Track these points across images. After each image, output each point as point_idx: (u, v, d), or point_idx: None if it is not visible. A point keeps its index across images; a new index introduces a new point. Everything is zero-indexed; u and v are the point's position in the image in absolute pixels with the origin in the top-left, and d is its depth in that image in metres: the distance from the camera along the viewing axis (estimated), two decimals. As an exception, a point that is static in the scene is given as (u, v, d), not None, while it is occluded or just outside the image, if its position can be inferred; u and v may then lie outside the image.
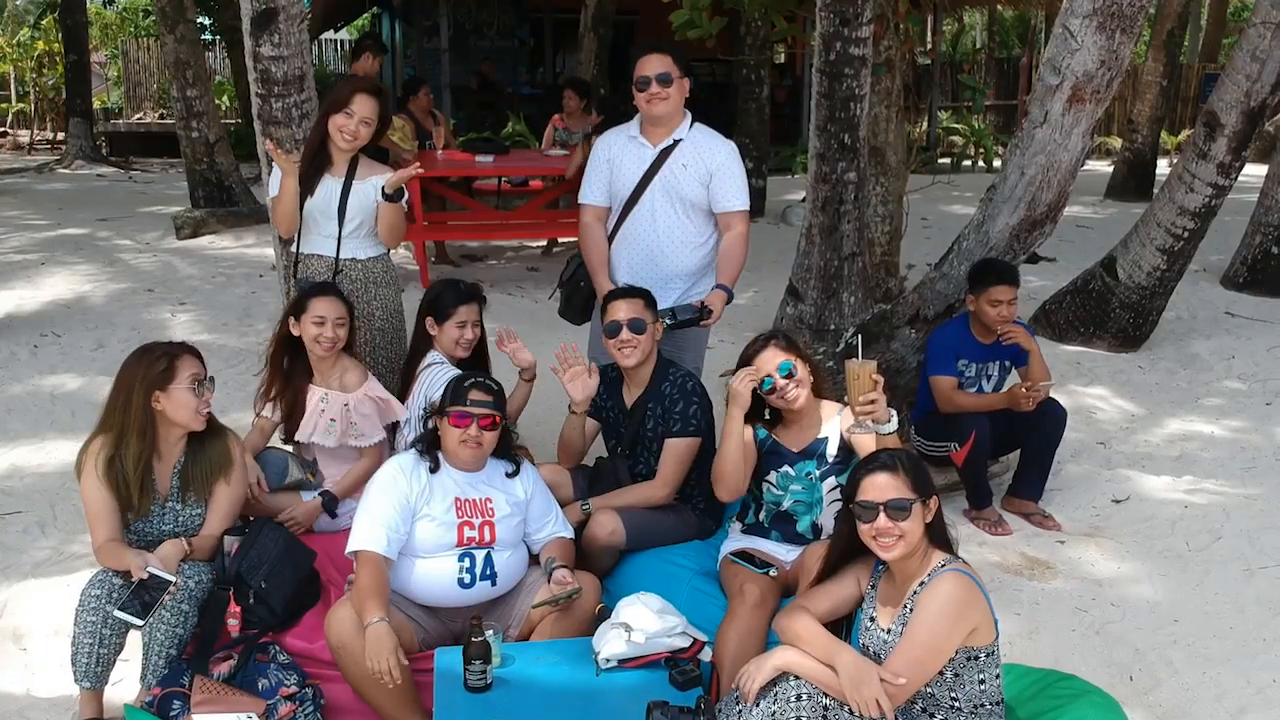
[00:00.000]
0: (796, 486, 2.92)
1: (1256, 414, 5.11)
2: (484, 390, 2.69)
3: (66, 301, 6.64)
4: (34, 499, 3.96)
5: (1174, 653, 3.14)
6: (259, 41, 4.59)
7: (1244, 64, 5.35)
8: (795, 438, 2.94)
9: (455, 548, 2.66)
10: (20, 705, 2.80)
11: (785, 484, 2.93)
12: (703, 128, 3.77)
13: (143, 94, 23.86)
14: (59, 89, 24.32)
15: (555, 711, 2.33)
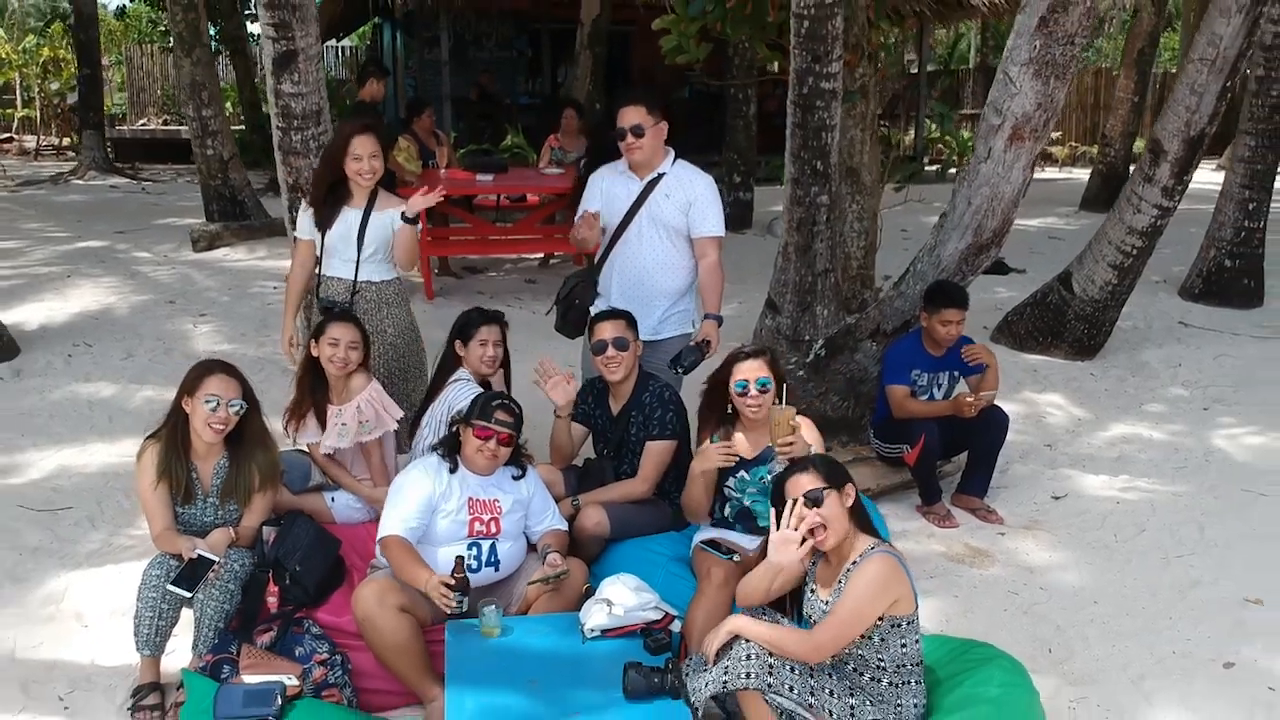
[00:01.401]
0: (753, 489, 3.35)
1: (1194, 419, 5.55)
2: (507, 412, 3.13)
3: (94, 313, 7.07)
4: (82, 496, 4.40)
5: (1090, 629, 3.57)
6: (280, 80, 5.04)
7: (1184, 96, 5.80)
8: (750, 446, 3.37)
9: (466, 538, 3.09)
10: (86, 673, 3.23)
11: (742, 487, 3.37)
12: (684, 163, 4.20)
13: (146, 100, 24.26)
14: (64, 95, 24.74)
15: (548, 672, 2.76)
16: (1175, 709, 3.14)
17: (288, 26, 4.92)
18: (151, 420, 5.10)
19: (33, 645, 3.36)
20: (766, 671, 2.62)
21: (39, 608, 3.58)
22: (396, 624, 2.90)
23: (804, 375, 5.08)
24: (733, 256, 8.01)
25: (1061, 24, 4.12)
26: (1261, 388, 6.02)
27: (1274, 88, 7.42)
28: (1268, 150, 7.56)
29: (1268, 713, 3.14)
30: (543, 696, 2.66)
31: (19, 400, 5.47)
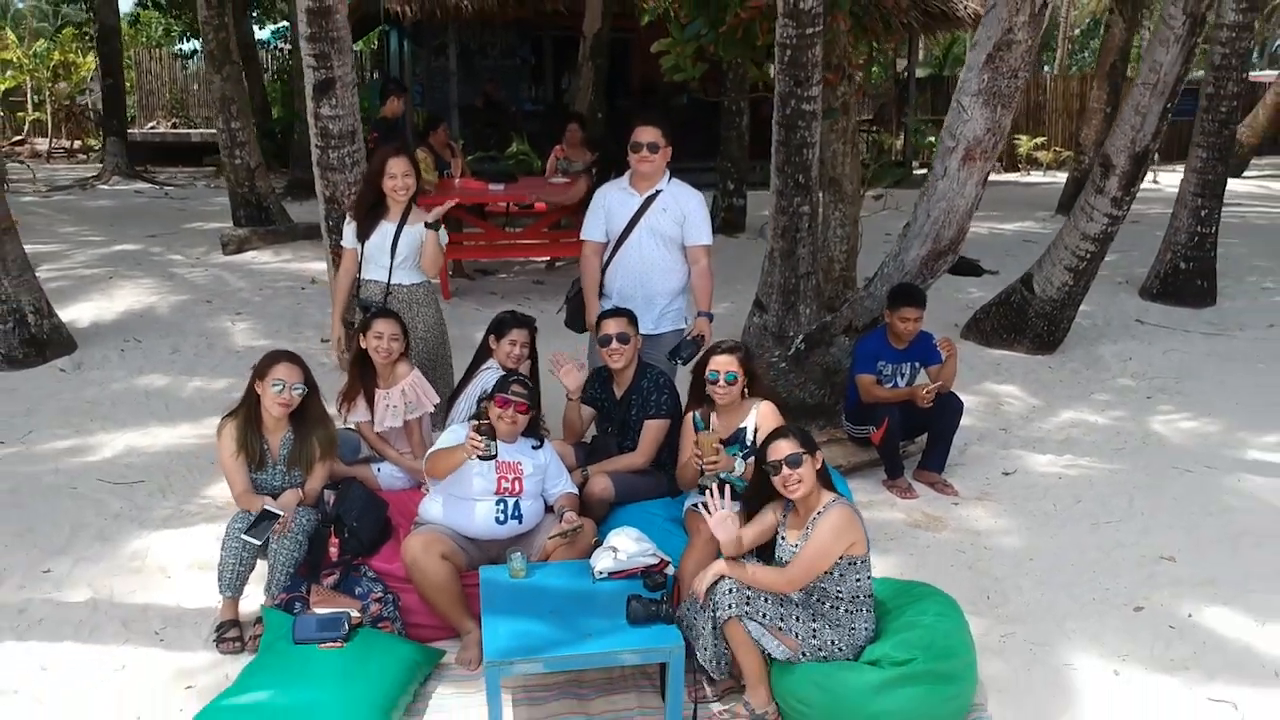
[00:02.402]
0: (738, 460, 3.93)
1: (1137, 406, 6.14)
2: (522, 386, 3.72)
3: (138, 312, 7.64)
4: (151, 471, 4.98)
5: (1024, 581, 4.16)
6: (319, 104, 5.63)
7: (1130, 117, 6.39)
8: (724, 427, 3.94)
9: (494, 495, 3.67)
10: (174, 614, 3.81)
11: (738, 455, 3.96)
12: (678, 181, 4.80)
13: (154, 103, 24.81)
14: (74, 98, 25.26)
15: (565, 605, 3.34)
16: (1089, 642, 3.73)
17: (326, 57, 5.51)
18: (203, 407, 5.76)
19: (127, 592, 3.95)
20: (744, 602, 3.20)
21: (128, 562, 4.17)
22: (438, 568, 3.49)
23: (786, 367, 5.66)
24: (726, 259, 8.67)
25: (1006, 60, 4.71)
26: (1201, 379, 6.61)
27: (1222, 104, 8.01)
28: (1217, 161, 8.15)
29: (1166, 645, 3.73)
30: (561, 624, 3.24)
31: (83, 391, 6.06)
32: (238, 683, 3.21)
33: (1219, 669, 3.59)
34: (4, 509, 4.57)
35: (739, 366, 3.91)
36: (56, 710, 3.29)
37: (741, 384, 3.91)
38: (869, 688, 3.13)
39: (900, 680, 3.13)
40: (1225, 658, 3.66)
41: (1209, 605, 3.99)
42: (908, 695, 3.12)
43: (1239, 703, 3.40)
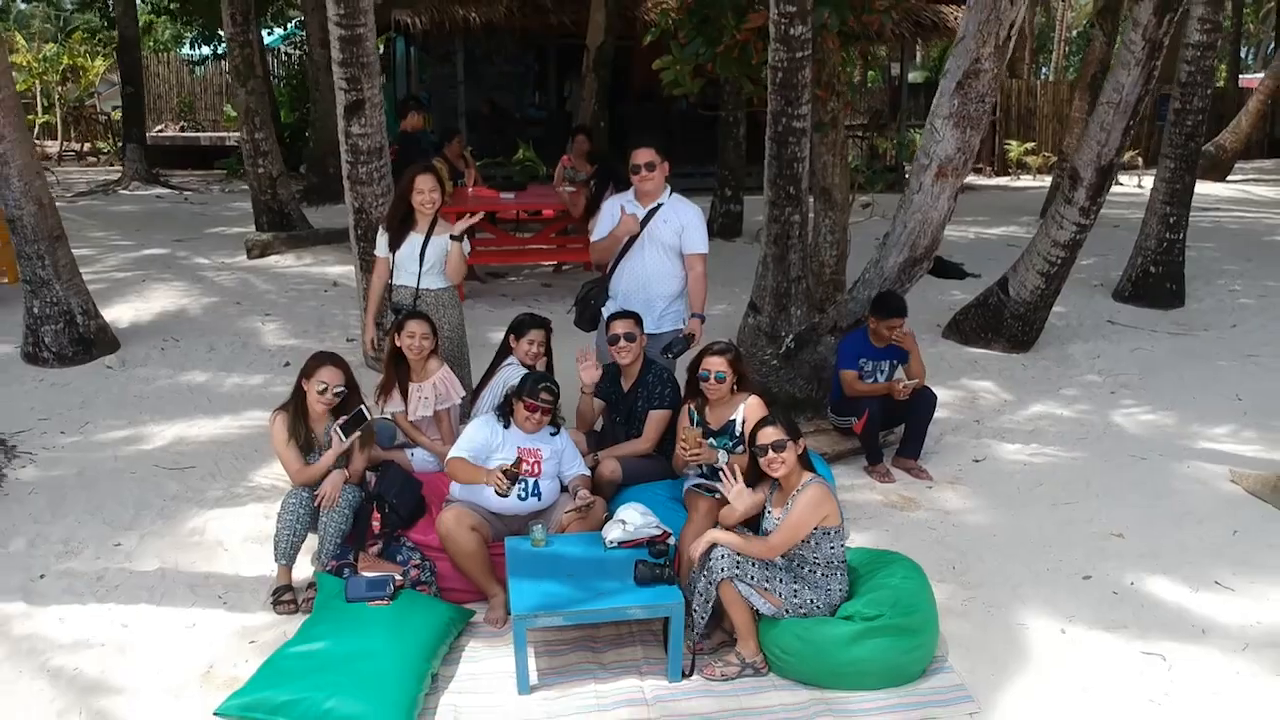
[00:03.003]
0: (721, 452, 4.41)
1: (1101, 401, 6.63)
2: (549, 393, 4.19)
3: (173, 313, 8.13)
4: (201, 458, 5.47)
5: (986, 552, 4.64)
6: (350, 123, 6.12)
7: (1096, 133, 6.87)
8: (716, 418, 4.43)
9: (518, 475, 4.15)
10: (234, 581, 4.30)
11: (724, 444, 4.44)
12: (677, 196, 5.28)
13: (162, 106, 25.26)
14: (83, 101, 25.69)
15: (580, 569, 3.82)
16: (1041, 605, 4.21)
17: (357, 81, 5.99)
18: (242, 401, 6.25)
19: (190, 562, 4.43)
20: (735, 565, 3.69)
21: (187, 537, 4.65)
22: (469, 539, 3.98)
23: (777, 364, 6.14)
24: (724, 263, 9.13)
25: (975, 87, 5.19)
26: (1163, 376, 7.09)
27: (1189, 119, 8.49)
28: (1185, 172, 8.64)
29: (1109, 608, 4.21)
30: (577, 585, 3.73)
31: (129, 386, 6.54)
32: (298, 635, 3.69)
33: (1153, 628, 4.07)
34: (74, 491, 5.05)
35: (728, 366, 4.39)
36: (138, 660, 3.78)
37: (731, 381, 4.39)
38: (842, 639, 3.62)
39: (869, 633, 3.62)
40: (1160, 619, 4.14)
41: (1150, 575, 4.47)
42: (875, 646, 3.61)
43: (1167, 655, 3.88)
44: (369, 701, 3.34)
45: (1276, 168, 23.15)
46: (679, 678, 3.66)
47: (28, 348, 6.88)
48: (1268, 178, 21.27)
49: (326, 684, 3.38)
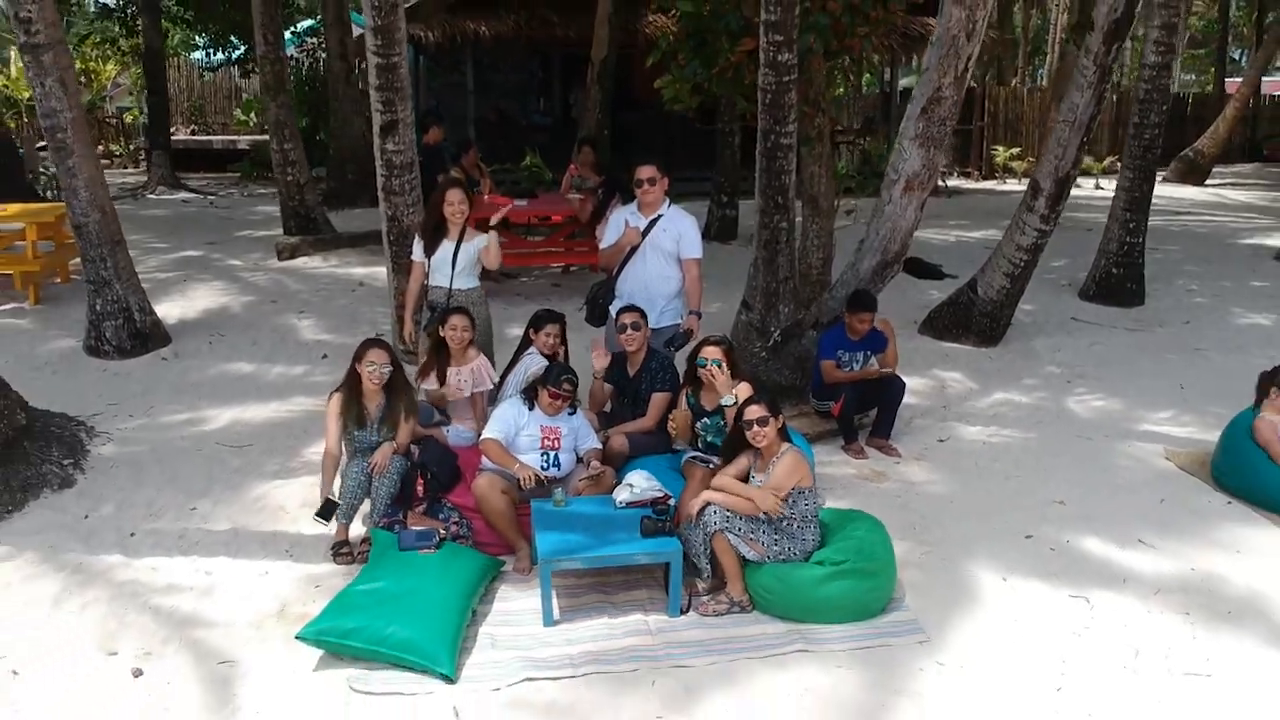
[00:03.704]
0: (711, 429, 5.08)
1: (1057, 389, 7.31)
2: (570, 383, 4.88)
3: (215, 310, 8.81)
4: (257, 437, 6.15)
5: (943, 516, 5.32)
6: (385, 140, 6.80)
7: (1053, 148, 7.56)
8: (709, 400, 5.11)
9: (539, 449, 4.85)
10: (296, 539, 4.97)
11: (705, 428, 5.12)
12: (675, 207, 5.96)
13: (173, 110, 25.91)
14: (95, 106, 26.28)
15: (595, 524, 4.50)
16: (987, 559, 4.89)
17: (392, 104, 6.67)
18: (287, 389, 6.94)
19: (257, 523, 5.12)
20: (725, 520, 4.37)
21: (252, 503, 5.34)
22: (500, 500, 4.66)
23: (766, 356, 6.81)
24: (720, 264, 9.81)
25: (937, 112, 5.87)
26: (1116, 367, 7.78)
27: (1146, 132, 9.18)
28: (1143, 181, 9.32)
29: (1045, 562, 4.88)
30: (592, 536, 4.41)
31: (185, 375, 7.23)
32: (360, 577, 4.37)
33: (1081, 577, 4.76)
34: (149, 465, 5.74)
35: (723, 355, 5.07)
36: (222, 601, 4.46)
37: (726, 369, 5.06)
38: (814, 580, 4.30)
39: (836, 575, 4.30)
40: (1087, 570, 4.82)
41: (1083, 535, 5.15)
42: (841, 586, 4.30)
43: (1091, 598, 4.57)
44: (421, 629, 4.02)
45: (1255, 172, 23.79)
46: (678, 614, 4.35)
47: (90, 341, 7.56)
48: (1245, 182, 21.94)
49: (386, 614, 4.06)
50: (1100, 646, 4.23)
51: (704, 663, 4.07)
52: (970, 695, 3.90)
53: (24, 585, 4.57)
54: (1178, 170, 22.01)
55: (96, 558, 4.79)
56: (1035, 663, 4.11)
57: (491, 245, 5.84)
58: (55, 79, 6.85)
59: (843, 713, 3.80)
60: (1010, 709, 3.82)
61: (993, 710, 3.81)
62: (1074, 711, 3.82)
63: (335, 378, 6.43)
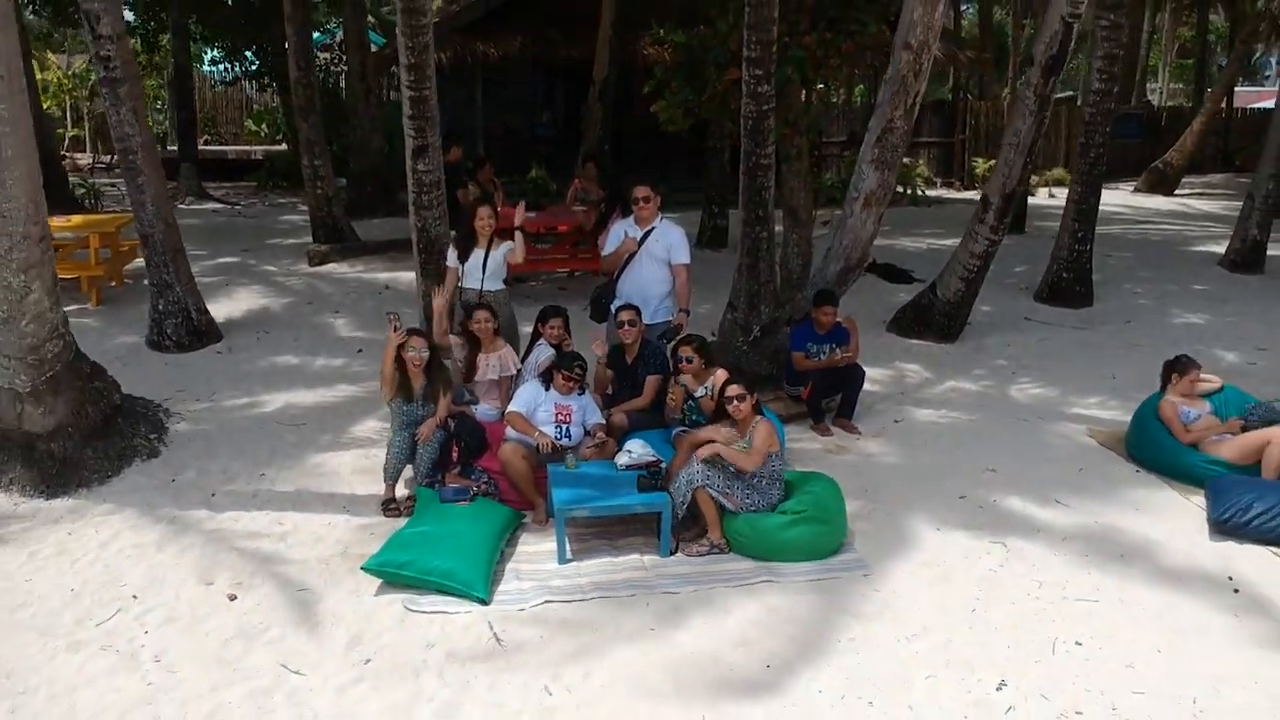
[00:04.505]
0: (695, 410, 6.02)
1: (1003, 379, 8.25)
2: (580, 368, 5.83)
3: (258, 310, 9.75)
4: (309, 417, 7.09)
5: (891, 481, 6.25)
6: (417, 162, 7.70)
7: (1001, 168, 8.51)
8: (695, 385, 6.05)
9: (554, 423, 5.79)
10: (350, 498, 5.90)
11: (689, 410, 6.05)
12: (666, 220, 6.91)
13: (191, 122, 26.76)
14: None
15: (599, 483, 5.43)
16: (924, 514, 5.82)
17: (423, 130, 7.59)
18: (330, 378, 7.87)
19: (317, 485, 6.06)
20: (705, 477, 5.31)
21: (312, 470, 6.28)
22: (522, 465, 5.59)
23: (747, 349, 7.75)
24: (711, 269, 10.75)
25: (890, 140, 6.83)
26: (1057, 360, 8.72)
27: (1092, 150, 10.14)
28: (1090, 194, 10.27)
29: (973, 516, 5.81)
30: (598, 491, 5.35)
31: (239, 367, 8.17)
32: (409, 524, 5.31)
33: (1002, 529, 5.68)
34: (219, 440, 6.69)
35: (694, 352, 6.03)
36: (295, 544, 5.39)
37: (699, 362, 6.02)
38: (778, 526, 5.24)
39: (796, 522, 5.24)
40: (1008, 523, 5.75)
41: (1008, 496, 6.09)
42: (800, 531, 5.23)
43: (1008, 544, 5.50)
44: (460, 563, 4.95)
45: (1225, 182, 24.71)
46: (668, 554, 5.29)
47: (152, 337, 8.50)
48: (1213, 191, 22.90)
49: (432, 551, 4.98)
50: (1011, 580, 5.16)
51: (688, 590, 5.00)
52: (900, 615, 4.83)
53: (131, 533, 5.51)
54: (1148, 181, 22.99)
55: (186, 513, 5.73)
56: (956, 592, 5.04)
57: (517, 244, 6.81)
58: (129, 108, 7.79)
59: (796, 627, 4.74)
60: (931, 624, 4.76)
61: (917, 625, 4.75)
62: (983, 625, 4.75)
63: (371, 369, 7.45)
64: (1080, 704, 4.21)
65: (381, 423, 6.79)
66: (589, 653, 4.51)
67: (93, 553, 5.31)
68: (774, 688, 4.29)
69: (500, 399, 6.34)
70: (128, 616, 4.76)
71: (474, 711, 4.13)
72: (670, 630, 4.70)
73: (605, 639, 4.61)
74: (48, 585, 5.02)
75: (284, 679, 4.32)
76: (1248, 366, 8.68)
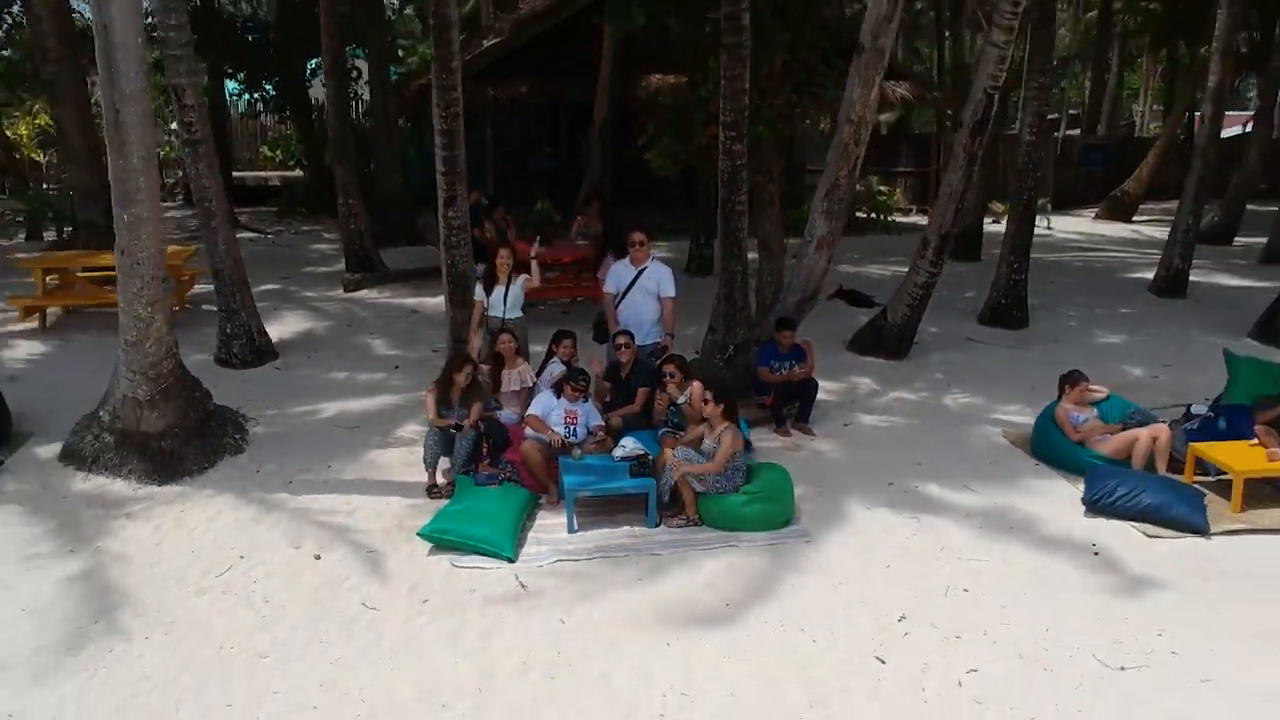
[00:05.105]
0: (676, 415, 7.43)
1: (939, 390, 9.66)
2: (585, 381, 7.25)
3: (304, 332, 11.16)
4: (360, 422, 8.48)
5: (837, 472, 7.65)
6: (447, 210, 9.15)
7: (938, 213, 9.94)
8: (677, 393, 7.47)
9: (564, 424, 7.20)
10: (401, 485, 7.28)
11: (671, 414, 7.48)
12: (657, 260, 8.36)
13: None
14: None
15: (600, 471, 6.82)
16: (858, 496, 7.22)
17: (453, 184, 9.03)
18: (375, 390, 9.25)
19: (374, 475, 7.45)
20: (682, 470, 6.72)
21: (367, 463, 7.67)
22: (539, 457, 7.00)
23: (724, 365, 9.17)
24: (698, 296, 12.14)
25: (836, 194, 8.26)
26: (988, 374, 10.13)
27: (1024, 193, 11.59)
28: (1023, 230, 11.73)
29: (898, 498, 7.21)
30: (599, 476, 6.75)
31: (295, 381, 9.57)
32: (451, 501, 6.70)
33: (919, 508, 7.08)
34: (290, 439, 8.09)
35: (676, 368, 7.45)
36: (361, 518, 6.77)
37: (679, 377, 7.44)
38: (739, 504, 6.64)
39: (753, 501, 6.64)
40: (925, 504, 7.15)
41: (927, 483, 7.48)
42: (756, 508, 6.63)
43: (921, 519, 6.90)
44: (493, 530, 6.35)
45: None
46: (653, 526, 6.69)
47: (220, 355, 9.91)
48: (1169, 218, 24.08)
49: (471, 521, 6.37)
50: (921, 546, 6.56)
51: (668, 553, 6.40)
52: (830, 571, 6.22)
53: (231, 511, 6.90)
54: (1107, 208, 24.50)
55: (272, 495, 7.13)
56: (876, 554, 6.43)
57: (533, 273, 8.30)
58: (206, 164, 9.24)
59: (750, 578, 6.12)
60: (854, 577, 6.14)
61: (843, 577, 6.13)
62: (893, 578, 6.14)
63: (409, 382, 8.91)
64: (960, 631, 5.60)
65: (420, 426, 8.19)
66: (592, 596, 5.89)
67: (203, 525, 6.70)
68: (731, 620, 5.68)
69: (520, 406, 7.75)
70: (238, 571, 6.14)
71: (507, 636, 5.51)
72: (654, 581, 6.08)
73: (604, 586, 6.00)
74: (173, 549, 6.41)
75: (363, 613, 5.70)
76: (1150, 380, 10.10)
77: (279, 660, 5.25)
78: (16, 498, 7.05)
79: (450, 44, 8.53)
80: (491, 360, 7.84)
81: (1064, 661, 5.30)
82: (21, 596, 5.83)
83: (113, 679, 5.08)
